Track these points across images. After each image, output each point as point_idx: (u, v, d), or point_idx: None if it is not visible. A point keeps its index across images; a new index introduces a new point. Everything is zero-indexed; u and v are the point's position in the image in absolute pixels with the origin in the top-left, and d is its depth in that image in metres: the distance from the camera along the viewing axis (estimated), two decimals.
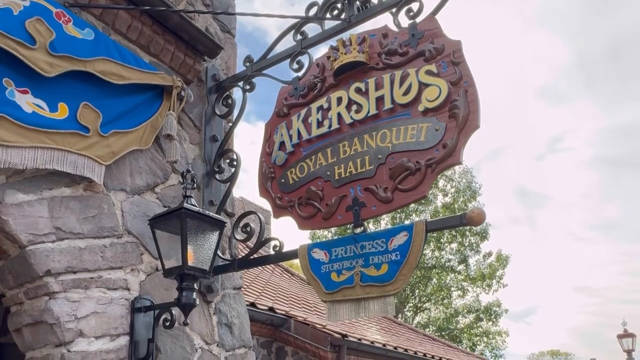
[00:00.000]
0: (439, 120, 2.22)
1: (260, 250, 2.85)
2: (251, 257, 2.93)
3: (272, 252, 2.80)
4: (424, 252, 19.91)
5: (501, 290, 20.78)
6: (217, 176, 3.07)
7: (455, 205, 19.55)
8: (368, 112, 2.44)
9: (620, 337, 9.90)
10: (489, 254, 19.97)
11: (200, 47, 3.03)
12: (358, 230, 2.47)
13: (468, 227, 19.81)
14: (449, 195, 20.04)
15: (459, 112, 2.16)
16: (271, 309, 5.55)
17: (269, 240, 2.84)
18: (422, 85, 2.31)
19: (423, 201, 19.11)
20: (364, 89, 2.49)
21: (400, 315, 19.35)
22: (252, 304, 5.25)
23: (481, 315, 19.29)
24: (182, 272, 2.45)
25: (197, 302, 2.57)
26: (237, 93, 3.20)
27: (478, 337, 19.71)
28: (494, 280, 19.49)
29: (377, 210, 2.39)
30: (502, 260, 19.82)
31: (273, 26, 41.91)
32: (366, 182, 2.41)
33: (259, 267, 9.52)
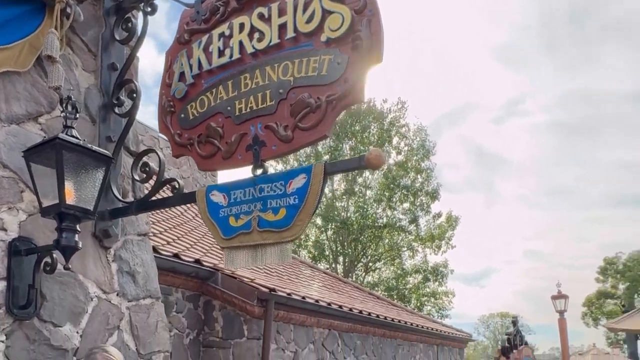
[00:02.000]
0: (342, 53, 2.13)
1: None
2: (150, 199, 2.82)
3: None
4: (376, 210, 20.51)
5: (454, 252, 21.70)
6: (116, 109, 2.89)
7: (409, 164, 19.92)
8: (270, 41, 2.31)
9: (554, 298, 10.59)
10: (439, 215, 20.66)
11: None
12: (258, 171, 2.39)
13: (420, 187, 20.41)
14: (402, 153, 20.36)
15: (361, 44, 2.07)
16: (197, 261, 5.48)
17: (168, 181, 2.73)
18: (326, 13, 2.18)
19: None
20: (267, 15, 2.35)
21: (351, 275, 19.89)
22: (176, 255, 5.16)
23: (429, 275, 20.11)
24: (59, 211, 2.32)
25: (80, 245, 2.44)
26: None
27: (426, 298, 20.61)
28: (443, 242, 20.25)
29: (277, 150, 2.32)
30: (452, 221, 20.54)
31: None
32: (267, 119, 2.32)
33: (199, 219, 9.40)
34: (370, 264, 20.89)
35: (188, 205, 8.13)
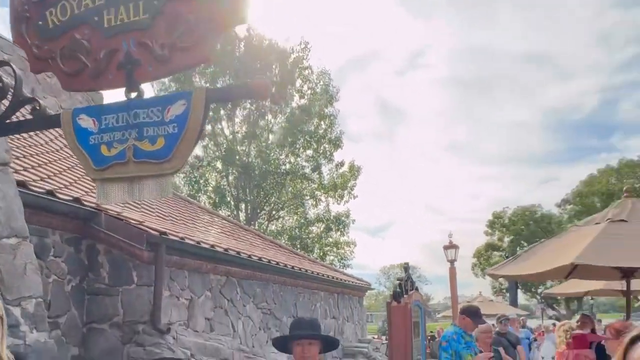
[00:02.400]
0: None
1: None
2: (7, 120, 2.50)
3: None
4: (278, 156, 20.59)
5: (357, 203, 22.43)
6: None
7: (312, 109, 19.94)
8: None
9: (445, 248, 11.48)
10: (342, 164, 21.14)
11: None
12: (133, 95, 2.19)
13: (323, 134, 20.66)
14: (306, 97, 20.29)
15: None
16: (77, 200, 5.09)
17: (27, 100, 2.42)
18: None
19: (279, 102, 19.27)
20: None
21: (253, 223, 19.93)
22: (51, 192, 4.74)
23: (331, 225, 20.74)
24: None
25: None
26: None
27: (328, 247, 21.33)
28: (346, 191, 20.85)
29: (154, 72, 2.12)
30: (354, 170, 21.16)
31: None
32: (140, 35, 2.09)
33: None
34: (274, 212, 21.03)
35: None
